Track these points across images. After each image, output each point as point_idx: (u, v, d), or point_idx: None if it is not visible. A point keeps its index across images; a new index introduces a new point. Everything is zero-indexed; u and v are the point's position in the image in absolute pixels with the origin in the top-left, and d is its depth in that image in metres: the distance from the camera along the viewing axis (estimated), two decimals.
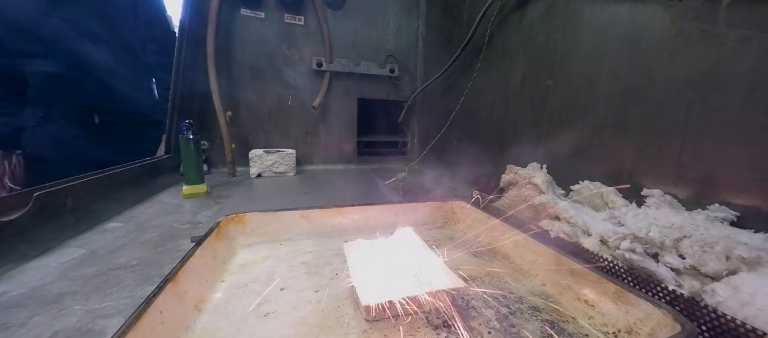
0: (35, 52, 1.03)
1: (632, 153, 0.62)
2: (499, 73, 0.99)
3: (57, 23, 1.04)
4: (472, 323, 0.40)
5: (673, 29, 0.54)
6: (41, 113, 1.07)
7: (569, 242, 0.54)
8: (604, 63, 0.67)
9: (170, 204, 0.91)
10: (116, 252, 0.60)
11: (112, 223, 0.75)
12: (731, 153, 0.48)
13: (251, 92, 1.40)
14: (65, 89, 1.09)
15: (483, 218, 0.67)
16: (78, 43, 1.08)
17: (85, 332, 0.39)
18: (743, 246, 0.38)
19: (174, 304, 0.37)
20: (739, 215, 0.45)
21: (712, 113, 0.50)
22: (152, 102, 1.42)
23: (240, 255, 0.57)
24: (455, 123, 1.19)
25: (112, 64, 1.18)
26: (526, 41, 0.88)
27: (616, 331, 0.38)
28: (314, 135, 1.53)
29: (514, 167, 0.81)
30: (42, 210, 0.63)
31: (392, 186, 1.11)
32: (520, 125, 0.91)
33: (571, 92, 0.74)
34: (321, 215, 0.66)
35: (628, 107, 0.62)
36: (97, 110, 1.19)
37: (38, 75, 1.05)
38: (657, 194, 0.54)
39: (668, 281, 0.42)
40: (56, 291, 0.47)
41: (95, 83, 1.15)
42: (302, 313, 0.41)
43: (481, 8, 1.00)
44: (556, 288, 0.47)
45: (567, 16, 0.75)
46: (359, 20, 1.50)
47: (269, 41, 1.38)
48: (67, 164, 0.95)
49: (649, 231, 0.47)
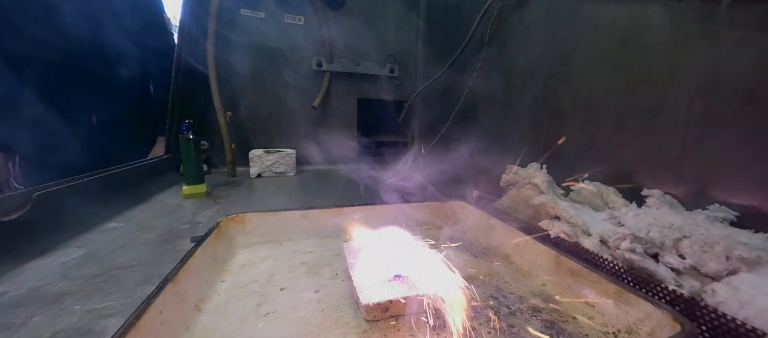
0: (34, 52, 1.03)
1: (632, 153, 0.62)
2: (499, 73, 0.99)
3: (56, 23, 1.04)
4: (472, 323, 0.40)
5: (673, 29, 0.54)
6: (38, 113, 1.07)
7: (569, 242, 0.54)
8: (604, 63, 0.67)
9: (170, 204, 0.90)
10: (116, 252, 0.60)
11: (112, 223, 0.75)
12: (731, 153, 0.48)
13: (251, 92, 1.40)
14: (63, 90, 1.09)
15: (483, 218, 0.67)
16: (77, 43, 1.08)
17: (85, 332, 0.39)
18: (743, 246, 0.38)
19: (174, 304, 0.37)
20: (739, 215, 0.46)
21: (712, 112, 0.50)
22: (150, 102, 1.42)
23: (240, 255, 0.57)
24: (455, 123, 1.19)
25: (110, 64, 1.17)
26: (526, 41, 0.88)
27: (616, 331, 0.38)
28: (314, 135, 1.53)
29: (514, 167, 0.81)
30: (42, 210, 0.63)
31: (393, 187, 1.11)
32: (520, 125, 0.91)
33: (572, 91, 0.74)
34: (321, 215, 0.66)
35: (628, 107, 0.62)
36: (95, 110, 1.19)
37: (36, 75, 1.05)
38: (657, 194, 0.54)
39: (668, 281, 0.42)
40: (56, 291, 0.47)
41: (94, 83, 1.15)
42: (302, 313, 0.41)
43: (481, 8, 1.00)
44: (556, 288, 0.47)
45: (567, 16, 0.75)
46: (359, 20, 1.49)
47: (269, 41, 1.38)
48: (65, 164, 0.95)
49: (649, 231, 0.47)
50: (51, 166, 1.04)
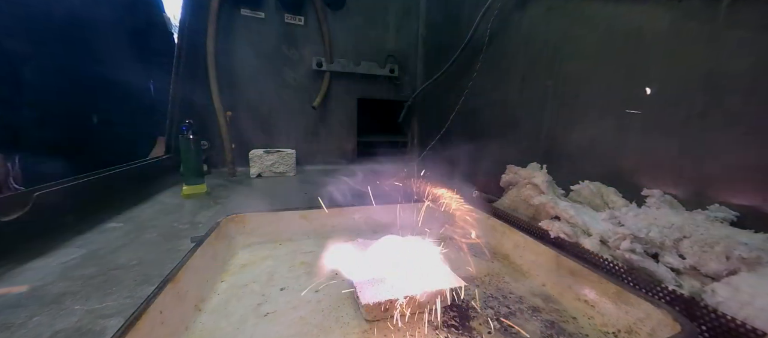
0: (33, 52, 1.03)
1: (632, 153, 0.62)
2: (499, 73, 0.99)
3: (55, 24, 1.04)
4: (472, 323, 0.40)
5: (673, 29, 0.54)
6: (38, 113, 1.07)
7: (569, 242, 0.54)
8: (604, 63, 0.67)
9: (170, 204, 0.90)
10: (116, 252, 0.60)
11: (112, 223, 0.75)
12: (731, 153, 0.48)
13: (251, 92, 1.40)
14: (63, 90, 1.09)
15: (483, 218, 0.67)
16: (76, 43, 1.08)
17: (85, 332, 0.39)
18: (743, 246, 0.38)
19: (174, 304, 0.37)
20: (739, 215, 0.45)
21: (712, 112, 0.50)
22: (150, 103, 1.42)
23: (240, 255, 0.57)
24: (455, 123, 1.19)
25: (109, 65, 1.18)
26: (526, 41, 0.88)
27: (616, 331, 0.38)
28: (314, 135, 1.53)
29: (514, 167, 0.81)
30: (42, 210, 0.63)
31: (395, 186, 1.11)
32: (520, 125, 0.91)
33: (572, 91, 0.74)
34: (321, 215, 0.66)
35: (628, 107, 0.62)
36: (96, 110, 1.19)
37: (35, 76, 1.05)
38: (657, 194, 0.54)
39: (668, 281, 0.42)
40: (56, 291, 0.47)
41: (93, 83, 1.15)
42: (302, 313, 0.41)
43: (481, 8, 1.00)
44: (556, 288, 0.47)
45: (567, 16, 0.75)
46: (359, 20, 1.49)
47: (269, 41, 1.38)
48: (65, 164, 0.95)
49: (649, 231, 0.47)
50: (51, 166, 1.04)
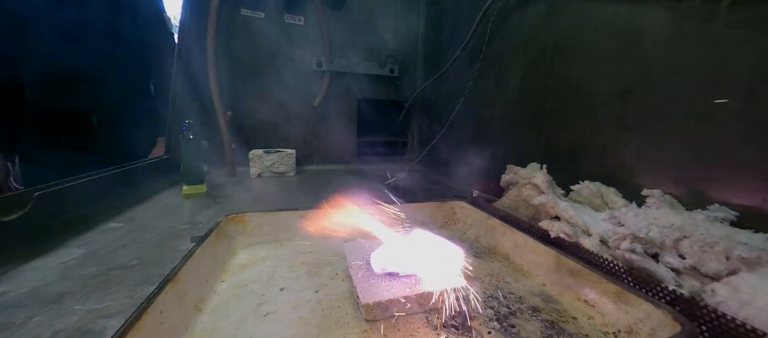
0: (32, 52, 1.03)
1: (632, 153, 0.62)
2: (499, 73, 0.99)
3: (55, 24, 1.04)
4: (472, 323, 0.40)
5: (673, 29, 0.54)
6: (38, 113, 1.06)
7: (569, 242, 0.54)
8: (604, 63, 0.67)
9: (170, 204, 0.91)
10: (116, 252, 0.60)
11: (112, 223, 0.75)
12: (731, 153, 0.48)
13: (251, 92, 1.40)
14: (63, 90, 1.09)
15: (483, 218, 0.67)
16: (76, 43, 1.08)
17: (85, 332, 0.39)
18: (743, 246, 0.38)
19: (174, 304, 0.37)
20: (739, 215, 0.46)
21: (712, 112, 0.50)
22: (150, 103, 1.42)
23: (240, 255, 0.57)
24: (455, 123, 1.19)
25: (109, 65, 1.18)
26: (526, 41, 0.88)
27: (616, 331, 0.38)
28: (314, 135, 1.53)
29: (514, 167, 0.81)
30: (42, 210, 0.63)
31: (393, 185, 1.11)
32: (520, 125, 0.91)
33: (571, 91, 0.74)
34: (321, 215, 0.66)
35: (628, 107, 0.62)
36: (96, 111, 1.19)
37: (34, 76, 1.05)
38: (657, 194, 0.54)
39: (668, 281, 0.42)
40: (56, 290, 0.47)
41: (93, 84, 1.15)
42: (302, 313, 0.41)
43: (481, 8, 1.00)
44: (556, 288, 0.47)
45: (567, 16, 0.75)
46: (359, 20, 1.50)
47: (269, 41, 1.38)
48: (64, 164, 0.95)
49: (649, 231, 0.46)
50: (51, 166, 1.04)
